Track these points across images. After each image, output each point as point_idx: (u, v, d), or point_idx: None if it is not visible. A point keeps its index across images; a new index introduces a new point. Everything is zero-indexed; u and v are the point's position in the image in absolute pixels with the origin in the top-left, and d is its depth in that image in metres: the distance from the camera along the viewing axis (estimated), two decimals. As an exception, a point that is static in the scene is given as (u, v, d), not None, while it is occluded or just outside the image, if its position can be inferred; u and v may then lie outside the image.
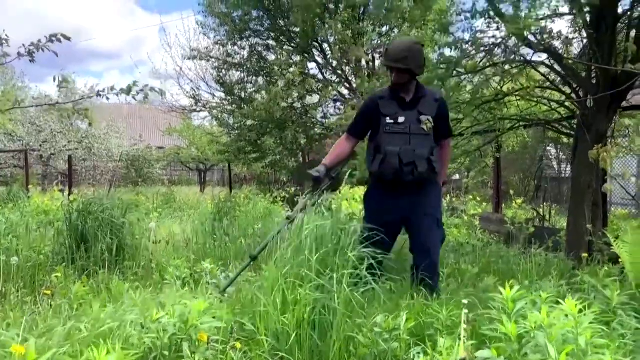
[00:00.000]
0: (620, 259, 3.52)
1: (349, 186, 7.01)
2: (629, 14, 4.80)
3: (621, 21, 4.78)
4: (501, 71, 5.27)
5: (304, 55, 12.08)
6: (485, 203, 9.47)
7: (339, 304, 2.44)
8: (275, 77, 12.21)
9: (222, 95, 13.59)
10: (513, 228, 6.01)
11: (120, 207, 4.89)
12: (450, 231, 5.90)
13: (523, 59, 5.16)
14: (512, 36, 4.74)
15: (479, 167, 10.25)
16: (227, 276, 3.75)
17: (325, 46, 12.12)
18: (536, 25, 4.50)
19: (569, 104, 5.29)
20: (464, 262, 4.57)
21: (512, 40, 4.91)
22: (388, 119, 3.50)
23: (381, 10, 6.25)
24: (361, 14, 11.22)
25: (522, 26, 3.94)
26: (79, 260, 4.27)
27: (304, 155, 14.28)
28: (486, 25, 5.09)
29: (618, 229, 5.58)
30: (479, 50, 5.00)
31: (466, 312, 2.01)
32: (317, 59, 12.41)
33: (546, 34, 4.77)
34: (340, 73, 12.08)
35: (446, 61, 5.11)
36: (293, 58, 12.19)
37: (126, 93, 4.70)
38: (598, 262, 4.07)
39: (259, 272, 3.64)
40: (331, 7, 10.84)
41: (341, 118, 10.57)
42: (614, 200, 8.14)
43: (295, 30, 11.84)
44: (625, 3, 4.95)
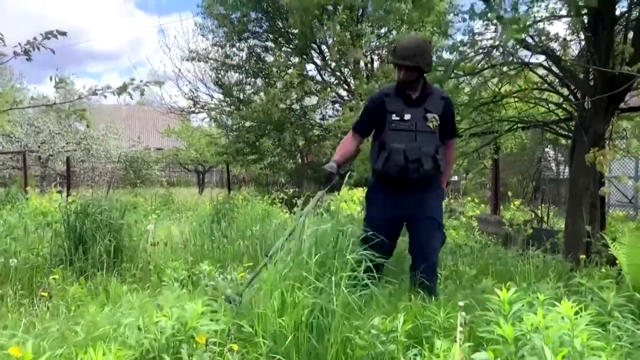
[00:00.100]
0: (617, 261, 3.52)
1: (347, 188, 7.01)
2: (626, 15, 4.80)
3: (619, 23, 4.79)
4: (499, 73, 5.29)
5: (303, 57, 12.09)
6: (483, 204, 9.47)
7: (336, 306, 2.44)
8: (273, 79, 12.23)
9: (221, 97, 13.61)
10: (511, 229, 6.01)
11: (118, 209, 4.89)
12: (449, 232, 5.89)
13: (521, 60, 5.18)
14: (510, 38, 4.75)
15: (477, 168, 10.23)
16: (225, 278, 3.73)
17: (324, 48, 12.14)
18: (534, 27, 4.51)
19: (567, 105, 5.29)
20: (462, 263, 4.57)
21: (510, 42, 4.91)
22: (394, 115, 3.46)
23: (380, 11, 6.25)
24: (359, 15, 11.24)
25: (521, 26, 3.93)
26: (76, 262, 4.27)
27: (302, 156, 14.28)
28: (484, 28, 5.11)
29: (616, 231, 5.61)
30: (477, 53, 5.01)
31: (463, 315, 2.01)
32: (315, 60, 12.43)
33: (544, 35, 4.77)
34: (339, 74, 12.10)
35: (444, 63, 5.12)
36: (291, 59, 12.21)
37: (122, 91, 4.67)
38: (596, 263, 4.08)
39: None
40: (329, 8, 10.84)
41: (339, 119, 10.57)
42: (611, 202, 8.15)
43: (293, 31, 11.85)
44: (622, 5, 4.97)
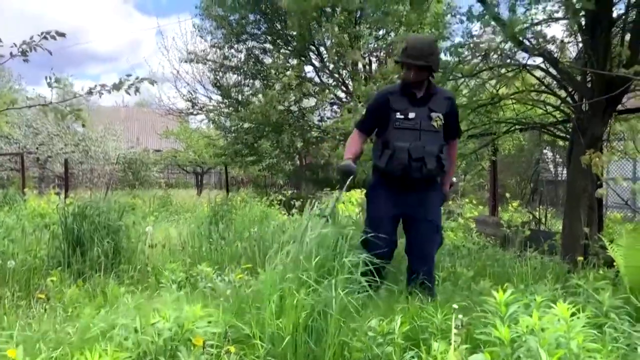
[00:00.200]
0: (615, 263, 3.53)
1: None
2: (623, 17, 4.81)
3: (616, 25, 4.79)
4: (497, 75, 5.29)
5: (301, 59, 12.11)
6: (481, 206, 9.47)
7: (334, 308, 2.44)
8: (272, 80, 12.24)
9: (219, 98, 13.62)
10: (509, 231, 6.01)
11: (116, 211, 4.87)
12: (447, 234, 5.89)
13: (519, 62, 5.18)
14: (508, 40, 4.76)
15: (475, 170, 10.25)
16: (223, 280, 3.73)
17: (322, 49, 12.16)
18: (531, 29, 4.52)
19: (565, 107, 5.30)
20: (459, 265, 4.57)
21: (507, 44, 4.93)
22: (398, 114, 3.45)
23: (378, 13, 6.27)
24: (358, 17, 11.25)
25: (516, 30, 3.94)
26: (74, 264, 4.25)
27: (300, 158, 14.30)
28: (482, 31, 5.12)
29: (613, 233, 5.61)
30: (475, 56, 5.02)
31: (460, 317, 2.01)
32: (313, 62, 12.46)
33: (541, 38, 4.78)
34: (337, 76, 12.12)
35: (442, 65, 5.12)
36: (290, 61, 12.23)
37: (118, 87, 4.65)
38: (593, 265, 4.08)
39: (256, 276, 3.65)
40: (328, 10, 10.86)
41: (338, 121, 10.58)
42: (609, 204, 8.15)
43: (292, 33, 11.87)
44: (620, 7, 4.97)
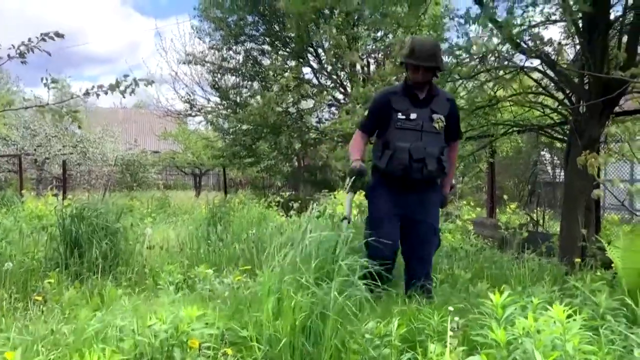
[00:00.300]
0: (612, 264, 3.53)
1: (344, 190, 6.99)
2: (620, 20, 4.82)
3: (613, 27, 4.80)
4: (495, 77, 5.30)
5: (299, 60, 12.13)
6: (479, 208, 9.47)
7: (332, 310, 2.43)
8: (270, 82, 12.25)
9: (217, 100, 13.62)
10: (507, 233, 6.01)
11: (114, 212, 4.87)
12: (445, 236, 5.90)
13: (516, 64, 5.19)
14: (505, 42, 4.77)
15: (473, 172, 10.27)
16: (221, 282, 3.72)
17: (320, 51, 12.18)
18: (529, 32, 4.52)
19: (562, 109, 5.31)
20: (457, 267, 4.57)
21: (505, 46, 4.93)
22: (400, 114, 3.46)
23: (376, 14, 6.27)
24: (356, 19, 11.26)
25: (514, 31, 3.95)
26: (72, 266, 4.24)
27: (298, 159, 14.30)
28: (480, 33, 5.12)
29: (611, 234, 5.61)
30: (472, 58, 5.02)
31: (456, 319, 2.01)
32: (311, 63, 12.46)
33: (539, 40, 4.79)
34: (335, 78, 12.13)
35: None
36: (288, 63, 12.24)
37: (114, 88, 4.65)
38: (591, 267, 4.08)
39: (254, 278, 3.64)
40: (326, 12, 10.87)
41: (336, 123, 10.57)
42: (607, 205, 8.16)
43: (290, 35, 11.88)
44: (617, 9, 4.99)
